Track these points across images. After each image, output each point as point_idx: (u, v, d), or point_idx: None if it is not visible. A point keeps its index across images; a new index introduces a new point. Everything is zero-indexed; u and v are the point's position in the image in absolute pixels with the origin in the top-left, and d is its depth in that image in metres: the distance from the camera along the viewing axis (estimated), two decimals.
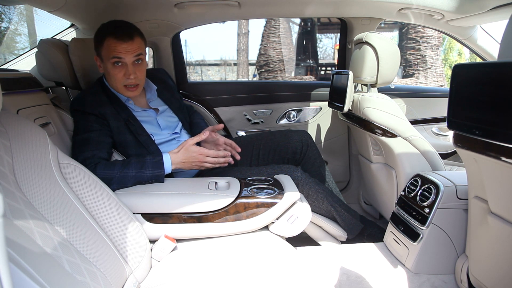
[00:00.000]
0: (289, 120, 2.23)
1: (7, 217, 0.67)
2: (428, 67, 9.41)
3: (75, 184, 0.94)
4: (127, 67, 1.33)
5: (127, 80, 1.34)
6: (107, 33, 1.31)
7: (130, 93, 1.38)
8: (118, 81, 1.35)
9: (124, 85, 1.36)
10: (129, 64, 1.32)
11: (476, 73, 0.83)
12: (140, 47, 1.34)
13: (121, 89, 1.38)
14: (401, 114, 1.59)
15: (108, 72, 1.36)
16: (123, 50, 1.30)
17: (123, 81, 1.35)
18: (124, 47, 1.30)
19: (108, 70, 1.35)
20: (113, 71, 1.33)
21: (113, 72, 1.34)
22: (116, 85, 1.37)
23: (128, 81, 1.34)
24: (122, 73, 1.33)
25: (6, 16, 2.89)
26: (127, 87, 1.37)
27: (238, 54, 11.78)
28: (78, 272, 0.74)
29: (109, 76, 1.37)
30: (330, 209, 1.53)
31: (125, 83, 1.35)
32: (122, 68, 1.33)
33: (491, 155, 0.83)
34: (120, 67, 1.33)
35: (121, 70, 1.33)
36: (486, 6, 1.63)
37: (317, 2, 1.85)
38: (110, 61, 1.32)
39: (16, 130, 0.86)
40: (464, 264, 1.26)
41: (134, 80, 1.34)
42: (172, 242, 1.09)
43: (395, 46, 1.63)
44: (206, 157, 1.31)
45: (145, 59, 1.40)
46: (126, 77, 1.34)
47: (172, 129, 1.52)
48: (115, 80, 1.35)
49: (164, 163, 1.26)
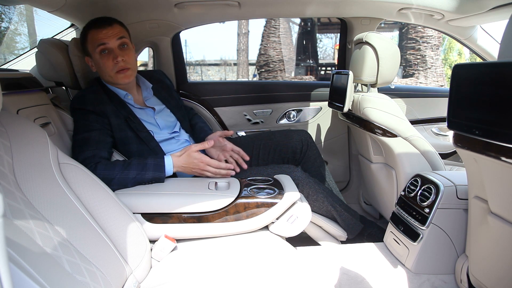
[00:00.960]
0: (289, 120, 2.23)
1: (7, 217, 0.67)
2: (428, 67, 9.41)
3: (75, 184, 0.94)
4: (113, 52, 1.36)
5: (116, 65, 1.37)
6: (88, 27, 1.38)
7: (123, 78, 1.40)
8: (110, 68, 1.37)
9: (116, 72, 1.38)
10: (114, 48, 1.37)
11: (476, 73, 0.83)
12: (121, 31, 1.39)
13: (115, 77, 1.39)
14: (401, 114, 1.59)
15: (98, 65, 1.39)
16: (104, 35, 1.35)
17: (113, 68, 1.37)
18: (104, 32, 1.35)
19: (98, 62, 1.38)
20: (102, 60, 1.37)
21: (102, 61, 1.37)
22: (109, 74, 1.39)
23: (118, 66, 1.37)
24: (110, 60, 1.37)
25: (6, 16, 2.89)
26: (119, 72, 1.38)
27: (238, 54, 11.78)
28: (78, 272, 0.74)
29: (100, 68, 1.39)
30: (330, 209, 1.53)
31: (116, 69, 1.37)
32: (109, 55, 1.37)
33: (491, 155, 0.83)
34: (107, 54, 1.37)
35: (109, 58, 1.37)
36: (486, 6, 1.63)
37: (317, 2, 1.84)
38: (97, 51, 1.36)
39: (16, 130, 0.86)
40: (464, 264, 1.26)
41: (123, 63, 1.37)
42: (172, 242, 1.09)
43: (395, 46, 1.63)
44: (207, 165, 1.31)
45: (131, 45, 1.44)
46: (114, 62, 1.36)
47: (171, 128, 1.53)
48: (106, 69, 1.38)
49: (165, 166, 1.26)
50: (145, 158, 1.27)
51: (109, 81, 1.43)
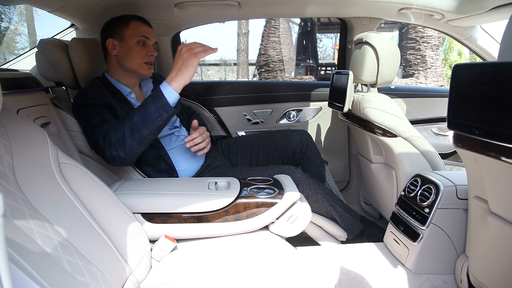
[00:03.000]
0: (289, 120, 2.23)
1: (7, 217, 0.67)
2: (428, 67, 9.41)
3: (75, 184, 0.94)
4: (150, 47, 1.48)
5: (148, 57, 1.47)
6: (132, 17, 1.47)
7: (147, 69, 1.48)
8: (141, 57, 1.45)
9: (145, 62, 1.46)
10: (151, 44, 1.49)
11: (476, 73, 0.83)
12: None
13: (141, 66, 1.46)
14: (401, 114, 1.59)
15: (130, 50, 1.44)
16: (149, 32, 1.48)
17: (144, 58, 1.46)
18: (149, 30, 1.48)
19: (131, 47, 1.44)
20: (137, 48, 1.44)
21: (137, 49, 1.44)
22: (136, 62, 1.45)
23: (149, 58, 1.47)
24: (145, 51, 1.46)
25: (6, 16, 2.89)
26: (147, 64, 1.47)
27: (238, 54, 11.77)
28: (78, 272, 0.74)
29: (131, 54, 1.44)
30: (330, 209, 1.53)
31: (146, 60, 1.46)
32: (145, 48, 1.46)
33: (491, 155, 0.83)
34: (144, 46, 1.46)
35: (144, 48, 1.46)
36: (486, 6, 1.63)
37: (317, 2, 1.84)
38: (136, 39, 1.44)
39: (16, 130, 0.86)
40: (464, 264, 1.26)
41: (153, 58, 1.49)
42: (172, 242, 1.09)
43: (395, 46, 1.63)
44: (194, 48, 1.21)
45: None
46: (148, 54, 1.46)
47: (171, 124, 1.56)
48: (137, 55, 1.44)
49: (162, 91, 1.22)
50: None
51: (130, 68, 1.46)
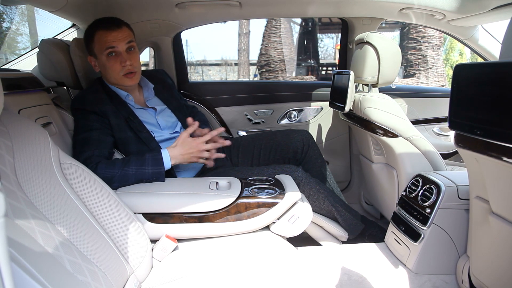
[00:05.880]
0: (290, 120, 2.23)
1: (8, 217, 0.67)
2: (429, 67, 9.40)
3: (76, 184, 0.94)
4: (122, 55, 1.36)
5: (123, 68, 1.37)
6: (96, 28, 1.36)
7: (129, 81, 1.40)
8: (116, 71, 1.37)
9: (123, 75, 1.38)
10: (122, 52, 1.36)
11: (478, 73, 0.83)
12: (129, 35, 1.39)
13: (121, 80, 1.39)
14: (402, 114, 1.59)
15: (104, 66, 1.38)
16: (114, 38, 1.34)
17: (121, 71, 1.38)
18: (114, 35, 1.34)
19: (104, 64, 1.37)
20: (109, 63, 1.36)
21: (109, 64, 1.36)
22: (115, 77, 1.39)
23: (125, 69, 1.38)
24: (118, 63, 1.37)
25: (8, 16, 2.89)
26: (126, 76, 1.39)
27: (239, 54, 11.78)
28: (79, 271, 0.74)
29: (106, 70, 1.39)
30: (331, 209, 1.53)
31: (123, 72, 1.38)
32: (117, 58, 1.36)
33: (493, 155, 0.83)
34: (115, 57, 1.36)
35: (116, 60, 1.36)
36: (487, 6, 1.63)
37: (318, 2, 1.84)
38: (104, 53, 1.35)
39: (18, 130, 0.87)
40: (466, 264, 1.26)
41: (130, 67, 1.38)
42: (173, 242, 1.09)
43: (396, 46, 1.63)
44: (202, 145, 1.30)
45: (137, 48, 1.44)
46: (122, 65, 1.37)
47: (172, 129, 1.53)
48: (113, 72, 1.37)
49: (163, 159, 1.26)
50: (143, 154, 1.27)
51: (113, 83, 1.43)
